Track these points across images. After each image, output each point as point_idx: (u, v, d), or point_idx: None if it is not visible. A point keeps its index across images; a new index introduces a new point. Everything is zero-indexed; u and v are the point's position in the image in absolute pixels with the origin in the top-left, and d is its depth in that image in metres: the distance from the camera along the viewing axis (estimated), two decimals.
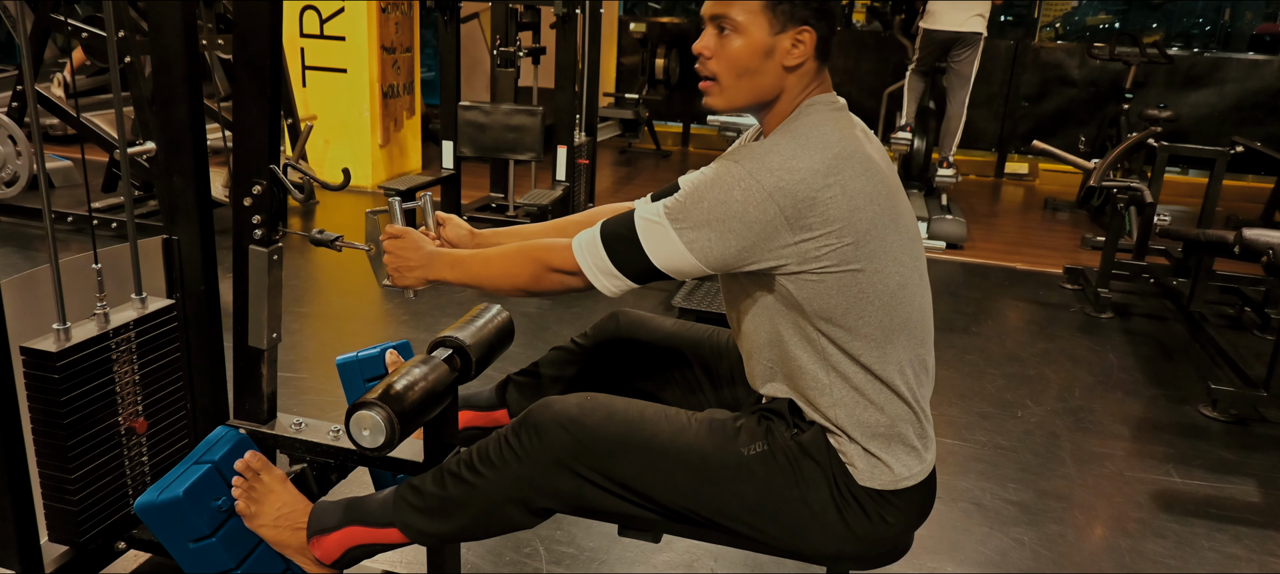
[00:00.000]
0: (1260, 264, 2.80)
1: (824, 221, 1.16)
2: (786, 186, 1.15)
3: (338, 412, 1.47)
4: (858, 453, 1.26)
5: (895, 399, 1.26)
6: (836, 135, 1.21)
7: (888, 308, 1.22)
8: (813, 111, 1.25)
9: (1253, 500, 2.47)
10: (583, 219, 1.53)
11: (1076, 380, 3.20)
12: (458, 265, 1.39)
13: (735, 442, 1.29)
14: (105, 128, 4.41)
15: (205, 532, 1.43)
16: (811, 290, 1.21)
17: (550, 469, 1.29)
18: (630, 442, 1.29)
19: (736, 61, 1.24)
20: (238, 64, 1.51)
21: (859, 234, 1.18)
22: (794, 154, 1.18)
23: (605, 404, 1.33)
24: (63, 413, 1.46)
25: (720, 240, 1.18)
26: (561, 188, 4.38)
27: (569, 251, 1.28)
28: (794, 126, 1.23)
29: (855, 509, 1.27)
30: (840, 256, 1.18)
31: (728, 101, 1.27)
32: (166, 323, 1.64)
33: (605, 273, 1.26)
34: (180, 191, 1.62)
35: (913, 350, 1.27)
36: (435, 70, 6.78)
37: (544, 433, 1.29)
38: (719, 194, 1.17)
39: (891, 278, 1.22)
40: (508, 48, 4.61)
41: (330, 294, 3.83)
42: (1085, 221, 5.59)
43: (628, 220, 1.24)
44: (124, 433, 1.59)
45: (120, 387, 1.57)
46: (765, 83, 1.25)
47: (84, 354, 1.48)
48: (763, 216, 1.16)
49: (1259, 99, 6.54)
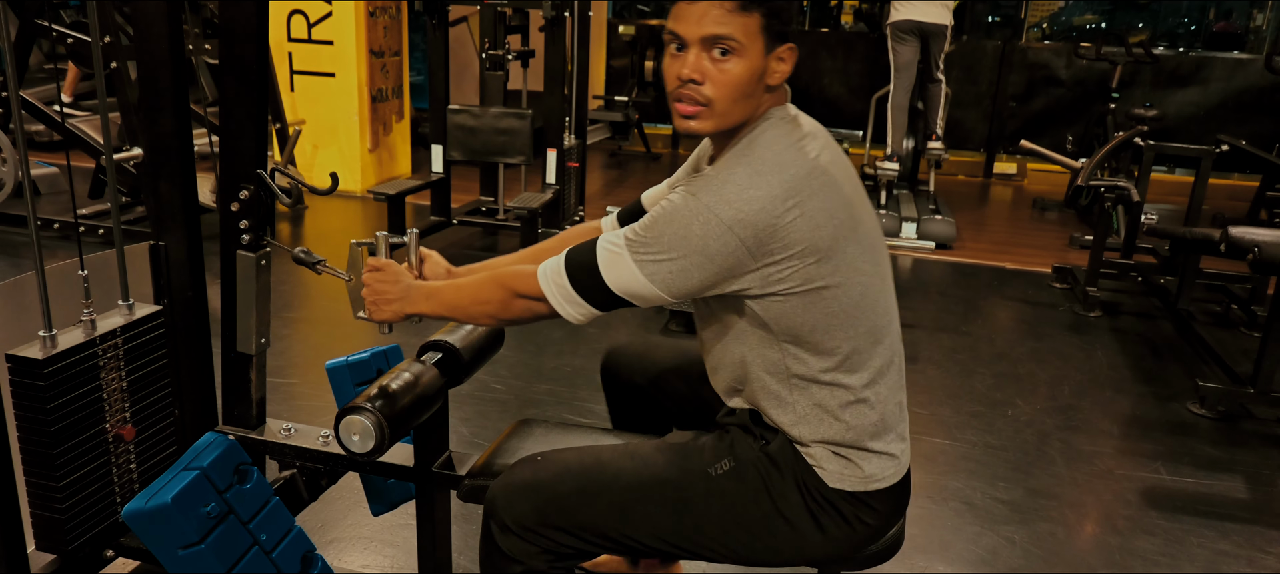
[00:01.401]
0: (1246, 261, 2.81)
1: (785, 247, 1.16)
2: (745, 217, 1.14)
3: (327, 417, 1.47)
4: (826, 455, 1.26)
5: (862, 409, 1.26)
6: (791, 156, 1.19)
7: (852, 320, 1.22)
8: (766, 131, 1.22)
9: (1241, 497, 2.48)
10: (553, 244, 1.52)
11: (1065, 379, 3.22)
12: (433, 297, 1.38)
13: (701, 462, 1.29)
14: (91, 134, 4.38)
15: (194, 538, 1.42)
16: (778, 310, 1.20)
17: (521, 540, 1.29)
18: (592, 489, 1.29)
19: (738, 85, 1.18)
20: (224, 68, 1.50)
21: (821, 252, 1.17)
22: (750, 183, 1.15)
23: (557, 459, 1.33)
24: (49, 421, 1.45)
25: (681, 273, 1.17)
26: (551, 191, 4.37)
27: (534, 279, 1.27)
28: (749, 152, 1.20)
29: (830, 513, 1.27)
30: (804, 276, 1.18)
31: (719, 126, 1.22)
32: (154, 329, 1.63)
33: (569, 300, 1.25)
34: (167, 197, 1.61)
35: (881, 357, 1.27)
36: (424, 74, 6.76)
37: (501, 511, 1.30)
38: (678, 228, 1.16)
39: (854, 289, 1.22)
40: (496, 51, 4.61)
41: (319, 299, 3.81)
42: (1073, 221, 5.62)
43: (590, 250, 1.23)
44: (111, 440, 1.58)
45: (107, 394, 1.56)
46: (754, 105, 1.22)
47: (70, 361, 1.47)
48: (723, 248, 1.15)
49: (1244, 98, 6.59)
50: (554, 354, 3.20)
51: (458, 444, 2.37)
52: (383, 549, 2.06)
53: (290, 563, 1.57)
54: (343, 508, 2.18)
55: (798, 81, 6.57)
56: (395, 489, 1.82)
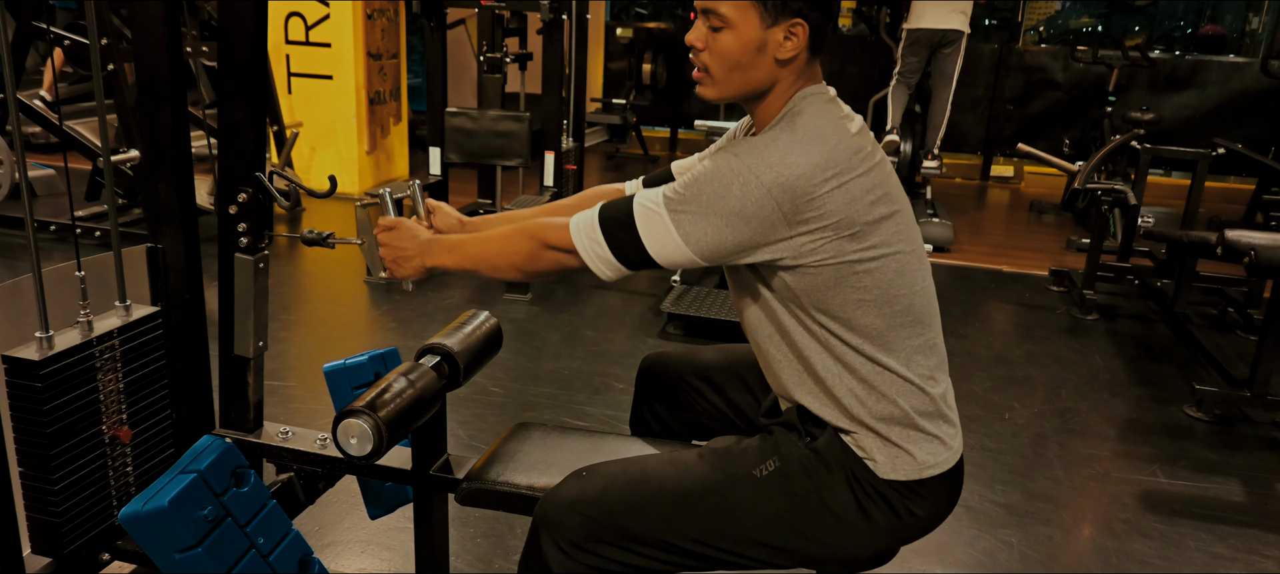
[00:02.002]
0: (1243, 265, 2.82)
1: (820, 217, 1.16)
2: (785, 182, 1.15)
3: (325, 420, 1.47)
4: (877, 445, 1.25)
5: (908, 388, 1.24)
6: (832, 129, 1.21)
7: (887, 298, 1.22)
8: (807, 105, 1.24)
9: (1237, 500, 2.49)
10: (577, 201, 1.51)
11: (1063, 382, 3.22)
12: (455, 249, 1.37)
13: (745, 465, 1.28)
14: (88, 136, 4.38)
15: (191, 542, 1.42)
16: (809, 282, 1.20)
17: (570, 558, 1.28)
18: (639, 500, 1.28)
19: (727, 56, 1.23)
20: (222, 71, 1.50)
21: (856, 227, 1.17)
22: (792, 149, 1.17)
23: (602, 472, 1.32)
24: (45, 422, 1.44)
25: (716, 233, 1.17)
26: (549, 193, 4.37)
27: (566, 231, 1.26)
28: (790, 121, 1.23)
29: (880, 504, 1.25)
30: (836, 249, 1.18)
31: (719, 93, 1.27)
32: (151, 331, 1.63)
33: (601, 258, 1.24)
34: (164, 199, 1.60)
35: (919, 337, 1.26)
36: (422, 76, 6.77)
37: (551, 527, 1.28)
38: (717, 188, 1.17)
39: (889, 269, 1.21)
40: (494, 53, 4.61)
41: (317, 301, 3.81)
42: (1070, 224, 5.63)
43: (626, 206, 1.23)
44: (108, 442, 1.58)
45: (104, 395, 1.55)
46: (757, 76, 1.24)
47: (67, 363, 1.46)
48: (760, 212, 1.15)
49: (1240, 101, 6.61)
50: (551, 357, 3.20)
51: (456, 447, 2.37)
52: (380, 552, 2.06)
53: (287, 566, 1.57)
54: (340, 511, 2.18)
55: None
56: (393, 492, 1.81)
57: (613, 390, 2.94)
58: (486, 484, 1.45)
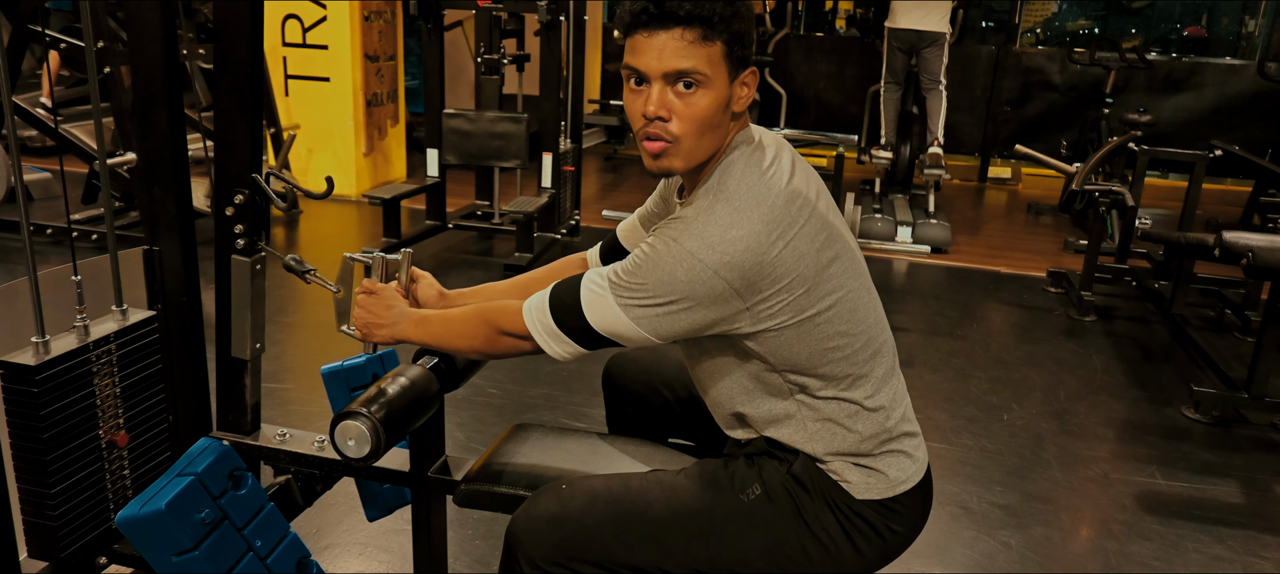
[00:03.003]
0: (1240, 266, 2.82)
1: (773, 281, 1.13)
2: (731, 260, 1.11)
3: (323, 422, 1.46)
4: (848, 468, 1.25)
5: (874, 418, 1.25)
6: (765, 187, 1.16)
7: (848, 338, 1.21)
8: (736, 163, 1.18)
9: (1235, 501, 2.49)
10: (542, 275, 1.51)
11: (1061, 383, 3.22)
12: (422, 325, 1.38)
13: (732, 490, 1.26)
14: (84, 139, 4.37)
15: (188, 545, 1.41)
16: (772, 344, 1.18)
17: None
18: (622, 519, 1.26)
19: (705, 119, 1.14)
20: (219, 73, 1.50)
21: (809, 280, 1.16)
22: (732, 223, 1.12)
23: (583, 489, 1.29)
24: (42, 427, 1.44)
25: (669, 318, 1.15)
26: (547, 195, 4.37)
27: (519, 316, 1.25)
28: (723, 188, 1.16)
29: (862, 527, 1.25)
30: (795, 308, 1.16)
31: (688, 162, 1.18)
32: (147, 335, 1.62)
33: (555, 338, 1.23)
34: (161, 202, 1.60)
35: (881, 365, 1.26)
36: (419, 78, 6.76)
37: (526, 545, 1.26)
38: (662, 275, 1.13)
39: (845, 308, 1.20)
40: (492, 55, 4.61)
41: (314, 304, 3.80)
42: (1068, 225, 5.63)
43: (574, 289, 1.21)
44: (105, 446, 1.58)
45: (101, 400, 1.55)
46: (721, 135, 1.18)
47: (63, 368, 1.46)
48: (711, 292, 1.12)
49: (1237, 103, 6.62)
50: (549, 359, 3.19)
51: (454, 449, 2.36)
52: (378, 555, 2.05)
53: (285, 569, 1.57)
54: (338, 514, 2.18)
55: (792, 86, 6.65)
56: (391, 494, 1.81)
57: None
58: (485, 486, 1.44)
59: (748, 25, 1.15)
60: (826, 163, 5.98)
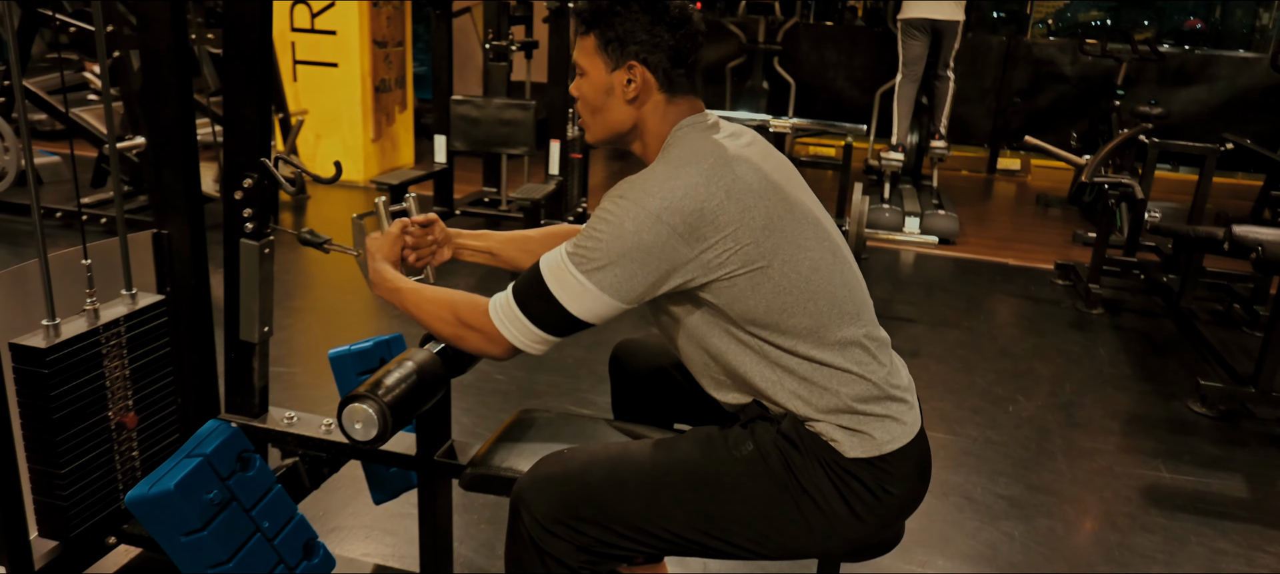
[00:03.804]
0: (1249, 260, 2.81)
1: (716, 229, 1.19)
2: (672, 204, 1.18)
3: (330, 406, 1.47)
4: (833, 428, 1.26)
5: (847, 378, 1.26)
6: (706, 148, 1.25)
7: (808, 296, 1.23)
8: (681, 134, 1.30)
9: (1240, 496, 2.48)
10: (545, 236, 1.57)
11: (1067, 376, 3.22)
12: (396, 293, 1.39)
13: (725, 447, 1.30)
14: (94, 123, 4.38)
15: (197, 525, 1.43)
16: (728, 296, 1.22)
17: (551, 535, 1.28)
18: (619, 476, 1.29)
19: (587, 100, 1.33)
20: (228, 58, 1.51)
21: (756, 232, 1.20)
22: (671, 175, 1.21)
23: (583, 451, 1.34)
24: (52, 409, 1.45)
25: (627, 275, 1.19)
26: (554, 182, 4.37)
27: (487, 316, 1.26)
28: (668, 151, 1.28)
29: (855, 486, 1.26)
30: (743, 258, 1.20)
31: (593, 137, 1.36)
32: (156, 318, 1.63)
33: (527, 335, 1.26)
34: (170, 186, 1.61)
35: (850, 328, 1.27)
36: (427, 65, 6.75)
37: (529, 505, 1.29)
38: (612, 229, 1.19)
39: (803, 265, 1.23)
40: (500, 42, 4.60)
41: (322, 288, 3.82)
42: (1076, 218, 5.61)
43: (535, 276, 1.24)
44: (114, 428, 1.59)
45: (110, 382, 1.56)
46: (614, 118, 1.32)
47: (73, 350, 1.47)
48: (657, 239, 1.18)
49: (1249, 96, 6.57)
50: (555, 345, 3.20)
51: (460, 434, 2.37)
52: (384, 538, 2.07)
53: (292, 550, 1.58)
54: (345, 496, 2.19)
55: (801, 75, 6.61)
56: (397, 478, 1.82)
57: None
58: (490, 470, 1.45)
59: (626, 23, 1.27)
60: (835, 152, 5.96)
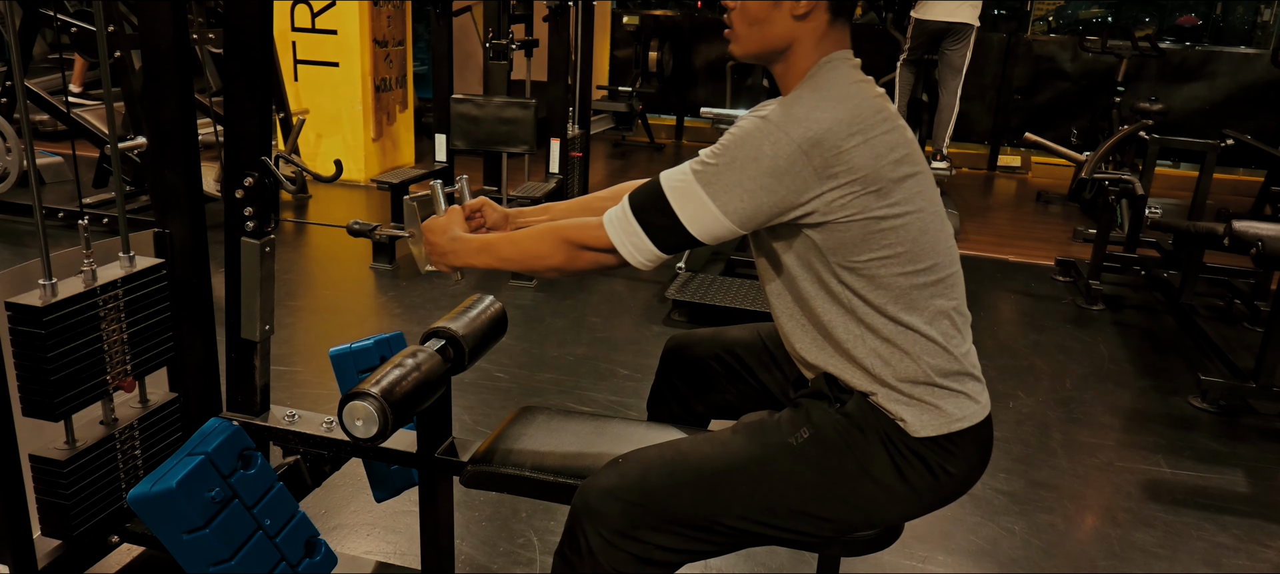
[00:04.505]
0: (1249, 256, 2.81)
1: (848, 171, 1.17)
2: (814, 136, 1.16)
3: (331, 404, 1.48)
4: (904, 405, 1.25)
5: (931, 347, 1.25)
6: (855, 90, 1.23)
7: (910, 256, 1.23)
8: (832, 67, 1.26)
9: (1241, 490, 2.49)
10: (609, 195, 1.53)
11: (1067, 372, 3.22)
12: (485, 249, 1.37)
13: (779, 436, 1.29)
14: (95, 123, 4.39)
15: (199, 523, 1.43)
16: (835, 239, 1.21)
17: (614, 548, 1.27)
18: (679, 481, 1.28)
19: (748, 11, 1.26)
20: (228, 57, 1.51)
21: (881, 183, 1.19)
22: (817, 105, 1.19)
23: (638, 458, 1.32)
24: (50, 369, 1.43)
25: (751, 197, 1.18)
26: (555, 181, 4.38)
27: (601, 229, 1.27)
28: (815, 80, 1.25)
29: (916, 465, 1.26)
30: (862, 205, 1.19)
31: (742, 49, 1.29)
32: (155, 282, 1.61)
33: (639, 248, 1.25)
34: (172, 185, 1.62)
35: (942, 297, 1.27)
36: (428, 64, 6.76)
37: (593, 517, 1.28)
38: (748, 150, 1.18)
39: (913, 226, 1.22)
40: (500, 40, 4.61)
41: (323, 287, 3.82)
42: (1077, 214, 5.61)
43: (655, 189, 1.24)
44: (112, 391, 1.56)
45: (108, 345, 1.53)
46: (775, 32, 1.26)
47: (71, 310, 1.45)
48: (792, 168, 1.17)
49: (1249, 93, 6.57)
50: (557, 343, 3.21)
51: (461, 431, 2.38)
52: (386, 535, 2.07)
53: (294, 548, 1.59)
54: (346, 494, 2.20)
55: None
56: (398, 476, 1.83)
57: (617, 376, 2.95)
58: (491, 467, 1.46)
59: None
60: None
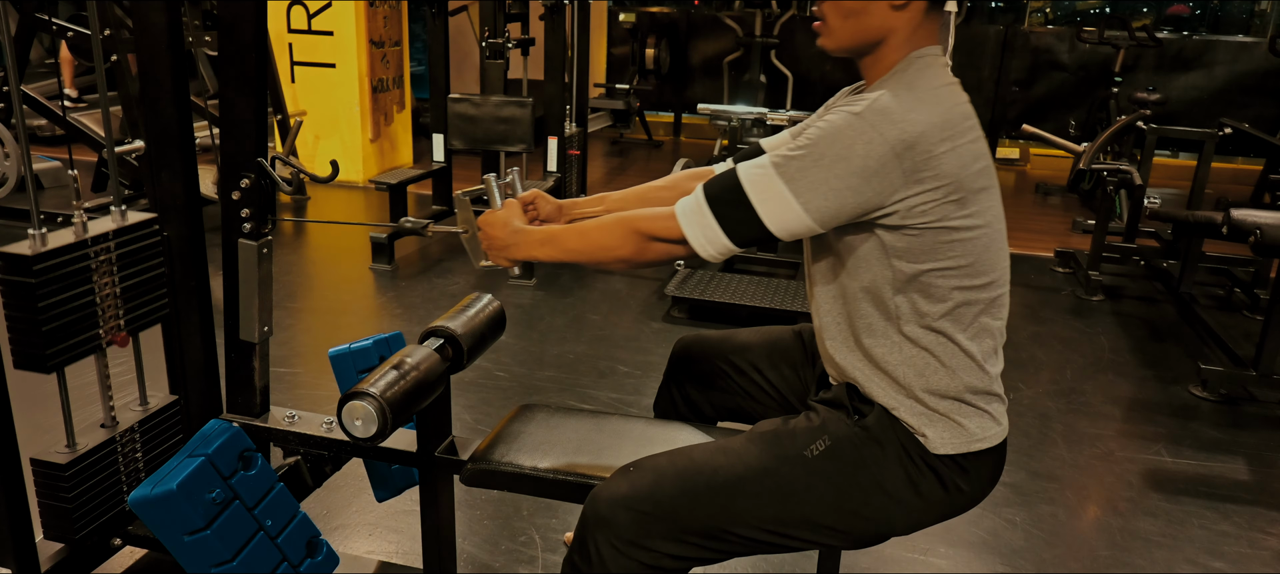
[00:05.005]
0: (1248, 244, 2.81)
1: (935, 177, 1.14)
2: (908, 138, 1.13)
3: (331, 405, 1.48)
4: (927, 419, 1.24)
5: (969, 364, 1.24)
6: (948, 94, 1.20)
7: (972, 271, 1.21)
8: (926, 65, 1.22)
9: (1241, 478, 2.49)
10: (666, 184, 1.51)
11: (1068, 362, 3.22)
12: (550, 242, 1.34)
13: (795, 447, 1.28)
14: (93, 127, 4.39)
15: (200, 524, 1.44)
16: (907, 243, 1.18)
17: (623, 556, 1.26)
18: (693, 491, 1.27)
19: (843, 3, 1.21)
20: (223, 59, 1.51)
21: (963, 193, 1.17)
22: (914, 106, 1.15)
23: (649, 466, 1.31)
24: (41, 320, 1.41)
25: (836, 196, 1.14)
26: (553, 179, 4.37)
27: (673, 220, 1.24)
28: (908, 77, 1.20)
29: (931, 480, 1.25)
30: (941, 213, 1.16)
31: (835, 43, 1.25)
32: (148, 237, 1.60)
33: (712, 241, 1.22)
34: (169, 189, 1.62)
35: (989, 316, 1.26)
36: (425, 64, 6.76)
37: (604, 526, 1.27)
38: (840, 147, 1.13)
39: (980, 241, 1.21)
40: (496, 39, 4.60)
41: (322, 288, 3.83)
42: (1076, 205, 5.61)
43: (732, 181, 1.19)
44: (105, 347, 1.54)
45: (100, 299, 1.51)
46: (871, 23, 1.21)
47: (62, 260, 1.43)
48: (882, 169, 1.13)
49: (1247, 81, 6.56)
50: (557, 341, 3.21)
51: (461, 430, 2.38)
52: (387, 535, 2.07)
53: (295, 548, 1.59)
54: (348, 495, 2.20)
55: (799, 67, 6.56)
56: (399, 475, 1.83)
57: (617, 374, 2.95)
58: (491, 465, 1.46)
59: None
60: None
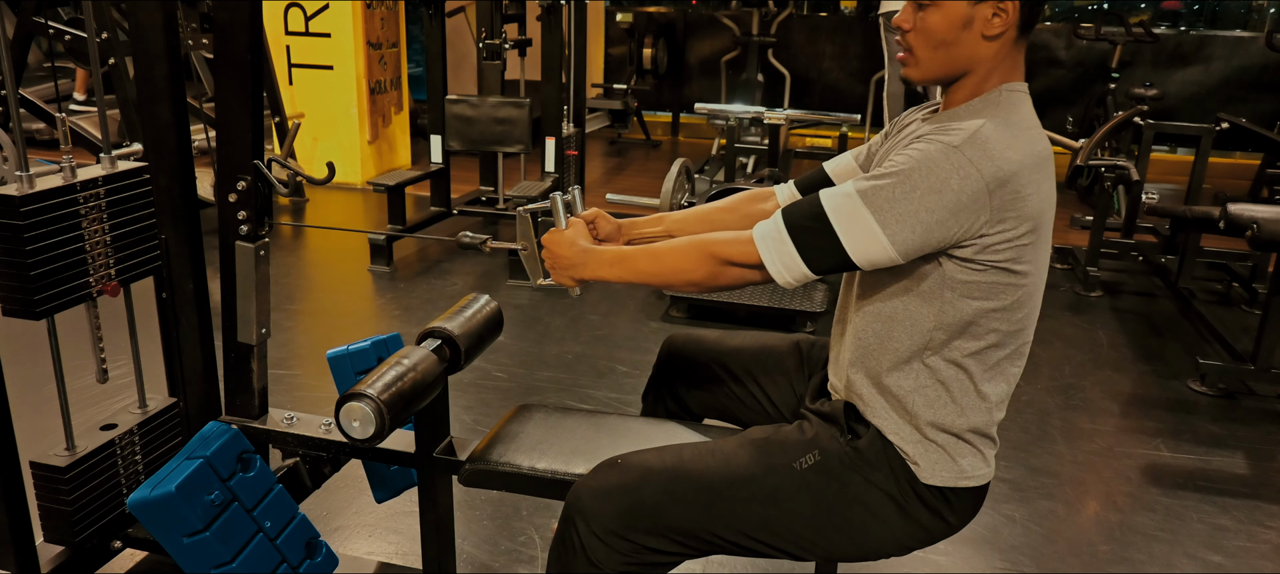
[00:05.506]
0: (1245, 238, 2.82)
1: (1018, 217, 1.13)
2: (1002, 176, 1.11)
3: (330, 406, 1.48)
4: (923, 448, 1.25)
5: (980, 407, 1.25)
6: (1037, 134, 1.19)
7: (1015, 315, 1.21)
8: (1017, 101, 1.21)
9: (1240, 473, 2.49)
10: (727, 207, 1.51)
11: (1067, 359, 3.22)
12: (621, 263, 1.34)
13: (785, 457, 1.28)
14: (90, 130, 4.39)
15: (199, 526, 1.44)
16: (967, 277, 1.17)
17: (605, 546, 1.27)
18: (677, 490, 1.27)
19: (932, 34, 1.20)
20: (219, 61, 1.51)
21: (1036, 235, 1.16)
22: (1011, 144, 1.13)
23: (637, 463, 1.31)
24: (30, 264, 1.39)
25: (925, 230, 1.12)
26: (550, 179, 4.38)
27: (750, 245, 1.23)
28: (999, 110, 1.18)
29: (917, 507, 1.26)
30: (1012, 254, 1.15)
31: (923, 74, 1.23)
32: (138, 185, 1.59)
33: (789, 268, 1.20)
34: (166, 191, 1.62)
35: (1011, 366, 1.26)
36: (422, 65, 6.76)
37: (586, 516, 1.27)
38: (934, 180, 1.11)
39: (1030, 284, 1.20)
40: (493, 40, 4.61)
41: (320, 290, 3.83)
42: (1074, 201, 5.61)
43: (815, 209, 1.17)
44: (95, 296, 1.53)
45: (90, 246, 1.50)
46: (964, 54, 1.20)
47: (50, 204, 1.42)
48: (974, 205, 1.11)
49: (1244, 76, 6.57)
50: (555, 341, 3.21)
51: (459, 430, 2.38)
52: (386, 536, 2.08)
53: (295, 550, 1.59)
54: (347, 496, 2.20)
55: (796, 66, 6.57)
56: (398, 476, 1.83)
57: (616, 374, 2.95)
58: (490, 465, 1.46)
59: None
60: (831, 143, 5.96)
